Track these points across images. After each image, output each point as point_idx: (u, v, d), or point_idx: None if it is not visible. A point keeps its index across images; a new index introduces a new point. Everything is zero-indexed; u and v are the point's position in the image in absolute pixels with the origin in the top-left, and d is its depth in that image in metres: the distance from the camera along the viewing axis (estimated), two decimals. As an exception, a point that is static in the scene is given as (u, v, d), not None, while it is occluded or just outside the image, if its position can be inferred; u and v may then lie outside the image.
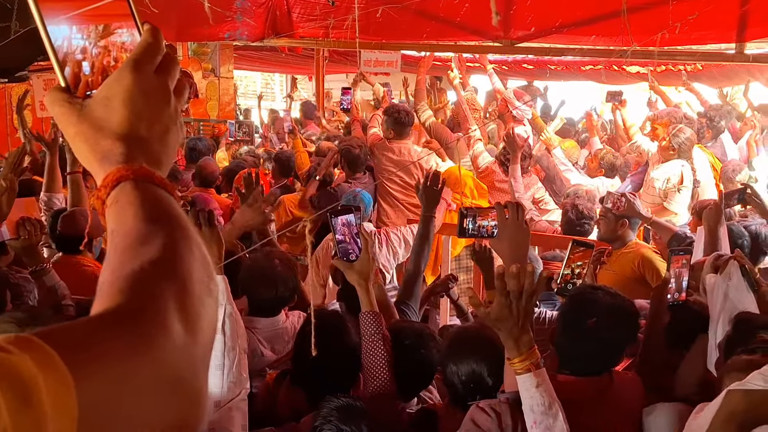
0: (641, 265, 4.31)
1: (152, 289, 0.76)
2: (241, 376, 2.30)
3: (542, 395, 2.00)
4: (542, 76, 11.09)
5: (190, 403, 0.76)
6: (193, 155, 7.31)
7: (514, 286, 1.97)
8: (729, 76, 9.68)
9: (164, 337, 0.73)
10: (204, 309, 0.81)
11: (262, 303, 3.27)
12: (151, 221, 0.85)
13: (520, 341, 2.01)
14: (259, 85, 18.44)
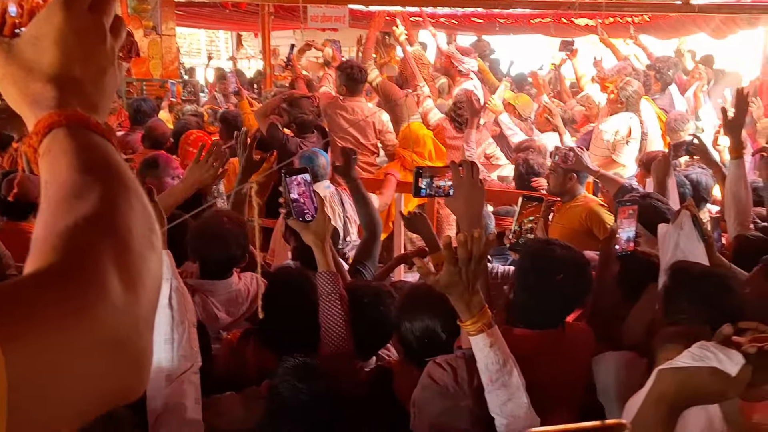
0: (589, 217, 4.35)
1: (88, 246, 0.72)
2: (191, 350, 2.25)
3: (496, 354, 2.01)
4: (491, 29, 11.06)
5: (132, 366, 0.73)
6: (138, 117, 7.13)
7: (463, 253, 1.96)
8: (676, 27, 9.77)
9: (102, 297, 0.69)
10: (146, 265, 0.76)
11: (215, 264, 3.21)
12: (86, 171, 0.79)
13: (470, 303, 2.01)
14: (204, 42, 18.09)
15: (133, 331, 0.72)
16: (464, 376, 2.14)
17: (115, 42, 0.94)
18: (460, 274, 1.97)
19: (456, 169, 2.44)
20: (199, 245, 3.21)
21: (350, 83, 6.17)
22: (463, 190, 2.42)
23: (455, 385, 2.12)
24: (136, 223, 0.78)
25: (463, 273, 1.97)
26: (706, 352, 1.52)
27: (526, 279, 2.52)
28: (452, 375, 2.14)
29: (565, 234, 4.20)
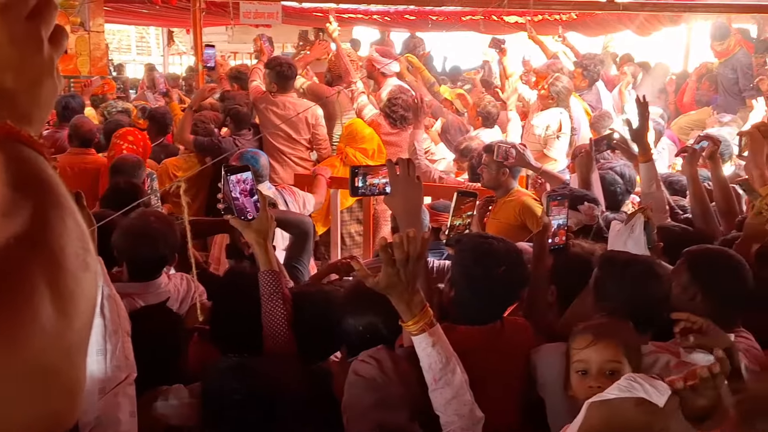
0: (522, 211, 4.43)
1: (17, 267, 0.68)
2: (126, 360, 2.19)
3: (439, 353, 2.03)
4: (424, 26, 11.13)
5: (63, 394, 0.70)
6: (66, 113, 6.94)
7: (400, 254, 1.96)
8: (602, 25, 10.02)
9: (31, 321, 0.66)
10: (80, 287, 0.73)
11: (143, 265, 3.15)
12: (16, 188, 0.76)
13: (411, 303, 2.02)
14: (134, 39, 17.76)
15: (65, 358, 0.69)
16: (389, 365, 2.15)
17: (55, 52, 0.91)
18: (399, 275, 1.96)
19: (392, 168, 2.45)
20: (126, 246, 3.13)
21: (280, 80, 6.17)
22: (400, 187, 2.42)
23: (382, 376, 2.13)
24: (69, 241, 0.75)
25: (402, 273, 1.96)
26: (633, 383, 1.53)
27: (468, 274, 2.55)
28: (377, 366, 2.15)
29: (500, 229, 4.28)
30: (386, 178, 2.50)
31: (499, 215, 4.51)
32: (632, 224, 2.93)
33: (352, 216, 5.90)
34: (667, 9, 8.24)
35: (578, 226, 3.57)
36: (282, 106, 6.15)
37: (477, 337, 2.43)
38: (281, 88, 6.16)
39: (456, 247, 2.76)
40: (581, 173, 4.09)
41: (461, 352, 2.12)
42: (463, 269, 2.59)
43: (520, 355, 2.53)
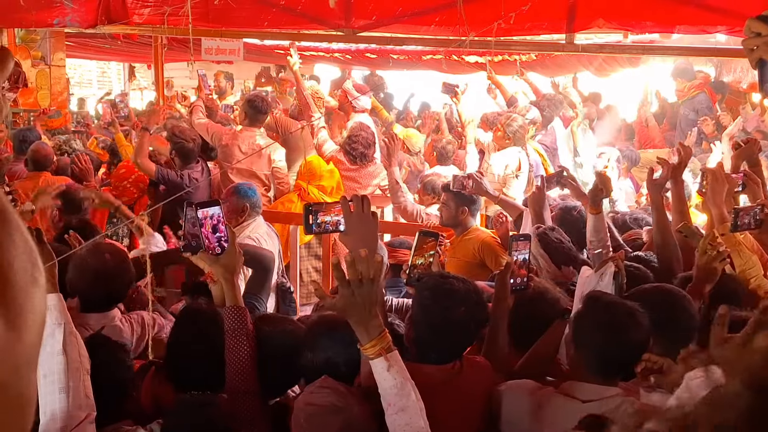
0: (481, 249, 4.45)
1: None
2: (86, 399, 2.17)
3: (395, 377, 2.01)
4: (385, 65, 11.21)
5: (11, 410, 0.68)
6: (23, 147, 6.87)
7: (353, 274, 1.96)
8: (561, 66, 10.17)
9: None
10: (29, 302, 0.72)
11: (93, 299, 3.17)
12: None
13: (369, 326, 2.01)
14: (95, 74, 17.66)
15: (13, 373, 0.68)
16: (342, 390, 2.16)
17: (1, 74, 0.91)
18: (354, 296, 1.97)
19: (346, 204, 2.45)
20: (79, 281, 3.15)
21: (254, 113, 6.20)
22: (354, 224, 2.41)
23: (340, 399, 2.13)
24: (17, 256, 0.74)
25: (357, 295, 1.96)
26: None
27: (428, 314, 2.54)
28: (331, 392, 2.16)
29: (459, 267, 4.29)
30: (339, 215, 2.49)
31: (458, 253, 4.51)
32: (602, 272, 2.97)
33: (309, 252, 5.87)
34: (626, 51, 8.38)
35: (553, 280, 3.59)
36: (247, 142, 6.13)
37: (436, 376, 2.43)
38: (252, 121, 6.15)
39: (416, 287, 2.75)
40: (534, 210, 4.12)
41: (421, 391, 2.10)
42: (422, 309, 2.58)
43: (480, 395, 2.54)
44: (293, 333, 2.69)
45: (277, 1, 6.06)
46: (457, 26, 5.45)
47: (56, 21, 6.39)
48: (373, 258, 2.00)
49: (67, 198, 4.68)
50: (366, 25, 6.03)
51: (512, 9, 5.20)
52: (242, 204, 4.67)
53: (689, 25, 5.48)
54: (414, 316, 2.60)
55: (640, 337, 2.43)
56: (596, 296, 2.63)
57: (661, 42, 7.83)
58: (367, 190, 6.20)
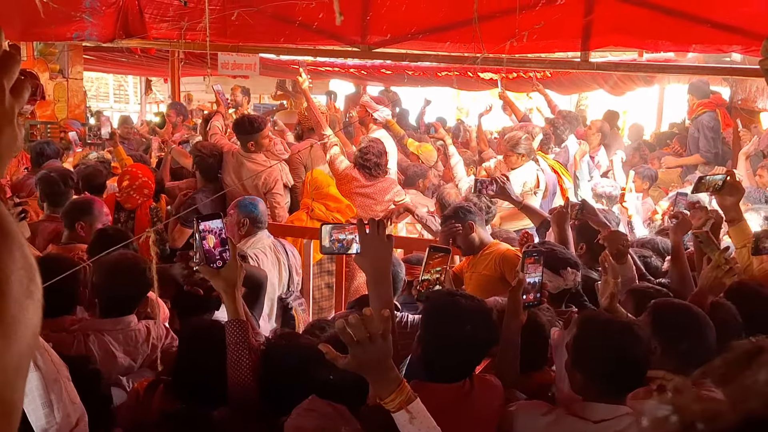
0: (501, 263, 4.38)
1: None
2: (73, 405, 2.14)
3: (418, 428, 1.99)
4: (400, 81, 11.27)
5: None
6: (40, 160, 6.92)
7: (360, 334, 1.94)
8: (576, 83, 10.19)
9: None
10: (22, 313, 0.75)
11: (115, 300, 3.23)
12: None
13: (386, 380, 2.00)
14: (112, 87, 17.81)
15: (1, 379, 0.70)
16: (329, 410, 2.16)
17: (16, 102, 0.93)
18: (366, 355, 1.94)
19: (362, 226, 2.45)
20: (102, 281, 3.23)
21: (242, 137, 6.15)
22: (370, 247, 2.41)
23: (328, 421, 2.12)
24: (15, 270, 0.76)
25: (369, 353, 1.94)
26: None
27: (434, 333, 2.54)
28: (318, 415, 2.15)
29: (480, 281, 4.27)
30: (353, 234, 2.49)
31: (478, 268, 4.47)
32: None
33: (321, 269, 5.86)
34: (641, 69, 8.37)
35: (557, 290, 3.57)
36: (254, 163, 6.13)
37: (446, 394, 2.41)
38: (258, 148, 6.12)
39: (424, 305, 2.74)
40: (558, 228, 4.12)
41: (430, 410, 2.08)
42: (429, 327, 2.57)
43: (491, 414, 2.52)
44: (304, 349, 2.67)
45: (293, 18, 6.09)
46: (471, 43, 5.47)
47: (75, 35, 6.45)
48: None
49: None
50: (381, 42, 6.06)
51: (527, 27, 5.22)
52: (242, 218, 4.68)
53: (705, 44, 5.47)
54: (421, 335, 2.59)
55: (640, 350, 2.41)
56: (590, 317, 2.61)
57: (676, 60, 7.83)
58: (382, 205, 6.19)
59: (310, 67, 8.43)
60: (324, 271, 5.91)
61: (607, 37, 5.63)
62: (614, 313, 2.87)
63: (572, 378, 2.51)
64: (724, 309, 2.97)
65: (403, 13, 5.88)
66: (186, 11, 6.21)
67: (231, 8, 5.97)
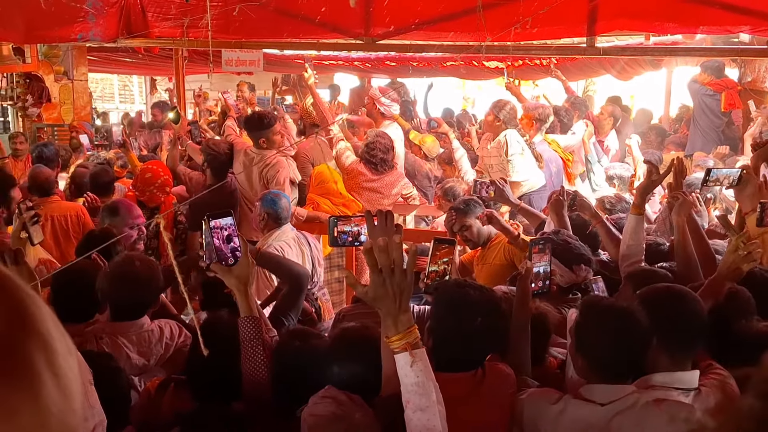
0: (509, 251, 4.38)
1: (18, 352, 0.66)
2: (92, 409, 2.13)
3: (417, 375, 1.98)
4: (405, 72, 11.22)
5: None
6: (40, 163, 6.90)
7: (385, 260, 1.94)
8: (582, 69, 10.11)
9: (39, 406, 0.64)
10: (71, 369, 0.72)
11: (125, 307, 3.18)
12: None
13: (398, 320, 1.98)
14: (117, 87, 17.83)
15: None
16: (343, 398, 2.14)
17: None
18: (386, 286, 1.94)
19: (370, 219, 2.43)
20: (110, 289, 3.17)
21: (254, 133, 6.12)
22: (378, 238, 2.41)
23: (342, 408, 2.11)
24: (52, 325, 0.73)
25: (388, 284, 1.94)
26: None
27: (444, 325, 2.53)
28: (333, 402, 2.14)
29: (491, 271, 4.26)
30: (359, 225, 2.50)
31: (488, 259, 4.47)
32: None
33: (331, 264, 5.84)
34: (648, 53, 8.31)
35: (567, 284, 3.54)
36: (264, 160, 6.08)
37: (458, 384, 2.40)
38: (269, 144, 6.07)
39: (433, 296, 2.74)
40: (556, 216, 4.09)
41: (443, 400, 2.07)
42: (438, 320, 2.57)
43: (503, 402, 2.51)
44: (317, 346, 2.68)
45: (296, 12, 6.07)
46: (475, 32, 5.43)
47: (80, 36, 6.45)
48: (399, 247, 1.98)
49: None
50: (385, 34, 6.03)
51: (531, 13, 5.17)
52: (263, 212, 4.69)
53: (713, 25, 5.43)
54: (432, 326, 2.58)
55: (641, 334, 2.42)
56: (591, 302, 2.61)
57: (684, 43, 7.75)
58: (389, 199, 6.17)
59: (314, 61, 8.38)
60: (334, 266, 5.90)
61: (613, 21, 5.59)
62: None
63: (575, 362, 2.52)
64: (740, 296, 2.92)
65: (406, 4, 5.85)
66: (188, 8, 6.20)
67: (233, 4, 5.94)
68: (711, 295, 2.90)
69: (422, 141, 7.56)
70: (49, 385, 0.65)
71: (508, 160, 6.09)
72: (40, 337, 0.69)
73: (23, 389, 0.64)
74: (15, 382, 0.64)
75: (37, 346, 0.68)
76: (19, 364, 0.65)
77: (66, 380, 0.68)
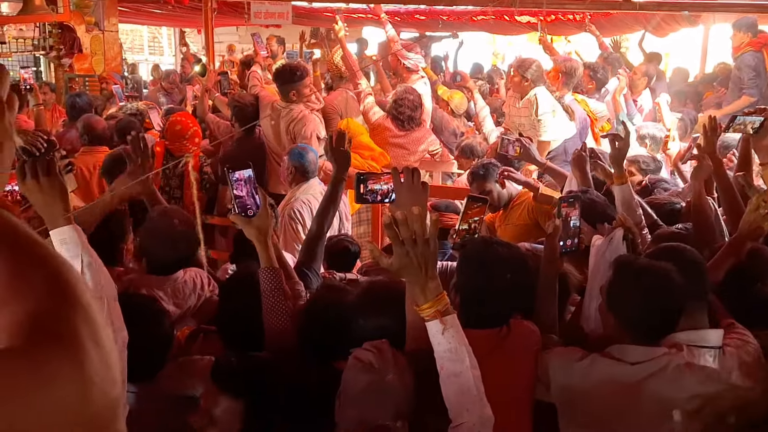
0: (534, 210, 4.34)
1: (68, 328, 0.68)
2: (112, 325, 2.09)
3: (449, 341, 1.97)
4: (434, 26, 11.07)
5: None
6: (73, 113, 6.94)
7: (406, 232, 1.92)
8: (617, 25, 9.91)
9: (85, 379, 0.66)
10: (110, 341, 0.73)
11: (162, 262, 3.23)
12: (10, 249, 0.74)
13: (426, 288, 1.97)
14: (146, 39, 17.83)
15: (112, 411, 0.69)
16: (388, 356, 2.12)
17: (11, 115, 0.90)
18: (409, 256, 1.92)
19: (396, 176, 2.41)
20: (148, 244, 3.23)
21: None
22: (404, 196, 2.37)
23: (380, 362, 2.10)
24: (90, 299, 0.75)
25: (412, 254, 1.92)
26: None
27: (472, 282, 2.54)
28: (377, 354, 2.13)
29: (515, 231, 4.23)
30: (389, 184, 2.50)
31: (511, 219, 4.44)
32: (611, 237, 2.95)
33: (360, 218, 5.82)
34: (686, 8, 8.11)
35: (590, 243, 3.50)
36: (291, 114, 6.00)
37: (482, 341, 2.37)
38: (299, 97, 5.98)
39: (461, 253, 2.74)
40: (579, 172, 3.99)
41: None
42: (466, 276, 2.58)
43: (528, 359, 2.52)
44: (342, 298, 2.67)
45: (325, -37, 5.98)
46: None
47: (110, -16, 6.42)
48: (424, 216, 1.95)
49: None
50: (415, -14, 5.94)
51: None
52: (290, 166, 4.68)
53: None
54: (458, 283, 2.59)
55: (678, 296, 2.40)
56: (627, 262, 2.57)
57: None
58: (416, 155, 6.13)
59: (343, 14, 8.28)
60: (363, 221, 5.89)
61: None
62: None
63: (606, 321, 2.51)
64: (762, 256, 2.89)
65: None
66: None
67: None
68: (732, 254, 2.88)
69: (450, 97, 7.45)
70: (92, 355, 0.67)
71: (538, 119, 6.01)
72: (82, 308, 0.70)
73: (69, 359, 0.65)
74: (62, 352, 0.65)
75: (82, 317, 0.69)
76: (65, 334, 0.67)
77: (107, 351, 0.70)
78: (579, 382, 2.43)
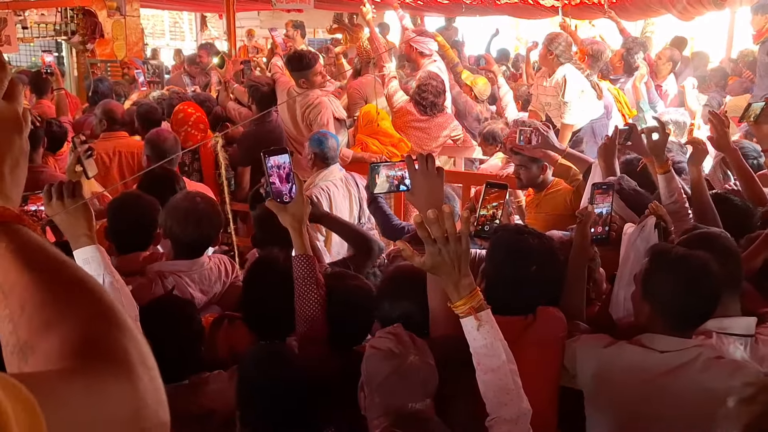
0: (573, 200, 4.26)
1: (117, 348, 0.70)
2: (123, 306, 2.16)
3: (485, 337, 1.99)
4: (457, 11, 10.98)
5: None
6: (95, 98, 6.97)
7: (437, 231, 1.92)
8: (642, 9, 9.76)
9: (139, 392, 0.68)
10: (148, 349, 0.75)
11: (188, 244, 3.24)
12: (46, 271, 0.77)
13: (459, 285, 1.99)
14: (167, 24, 17.85)
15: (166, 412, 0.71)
16: (406, 339, 2.13)
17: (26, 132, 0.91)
18: (441, 254, 1.93)
19: (411, 162, 2.39)
20: (173, 225, 3.21)
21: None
22: (420, 183, 2.36)
23: (399, 346, 2.10)
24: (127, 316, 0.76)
25: (444, 252, 1.93)
26: None
27: (500, 270, 2.55)
28: (395, 339, 2.13)
29: (549, 221, 4.15)
30: (402, 170, 2.47)
31: (546, 208, 4.36)
32: (642, 225, 2.92)
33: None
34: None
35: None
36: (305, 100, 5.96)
37: (508, 327, 2.36)
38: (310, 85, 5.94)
39: (491, 240, 2.73)
40: (605, 160, 3.89)
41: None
42: (495, 265, 2.59)
43: (554, 346, 2.52)
44: (362, 287, 2.71)
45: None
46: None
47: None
48: (450, 216, 1.94)
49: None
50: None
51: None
52: (310, 152, 4.69)
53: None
54: (486, 270, 2.59)
55: (715, 286, 2.37)
56: (664, 250, 2.53)
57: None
58: (437, 141, 6.11)
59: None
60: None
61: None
62: None
63: (640, 309, 2.48)
64: None
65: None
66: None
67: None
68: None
69: (474, 82, 7.39)
70: (143, 376, 0.68)
71: (564, 102, 5.96)
72: (128, 330, 0.73)
73: (123, 379, 0.67)
74: (115, 373, 0.67)
75: (129, 339, 0.71)
76: (117, 355, 0.69)
77: (156, 373, 0.72)
78: (606, 369, 2.42)
